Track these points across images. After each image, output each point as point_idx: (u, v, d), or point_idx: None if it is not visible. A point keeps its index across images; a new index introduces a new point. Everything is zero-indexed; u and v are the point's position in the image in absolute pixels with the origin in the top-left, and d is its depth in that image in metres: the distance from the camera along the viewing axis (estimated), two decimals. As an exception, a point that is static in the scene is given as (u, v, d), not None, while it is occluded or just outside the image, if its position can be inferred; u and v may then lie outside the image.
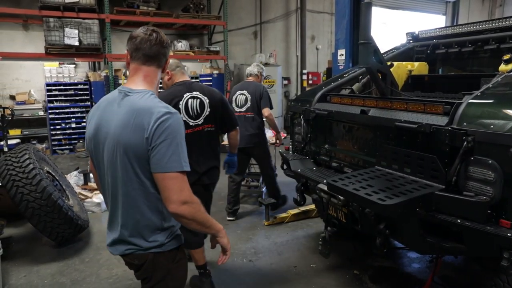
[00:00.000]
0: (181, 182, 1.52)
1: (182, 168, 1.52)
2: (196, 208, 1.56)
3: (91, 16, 8.04)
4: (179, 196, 1.51)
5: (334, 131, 3.36)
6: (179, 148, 1.52)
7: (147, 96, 1.60)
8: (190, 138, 2.20)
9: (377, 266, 3.50)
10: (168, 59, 1.74)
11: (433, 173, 2.29)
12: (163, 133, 1.50)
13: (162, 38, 1.68)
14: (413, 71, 3.84)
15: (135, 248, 1.65)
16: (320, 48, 12.16)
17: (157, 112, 1.52)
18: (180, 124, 1.57)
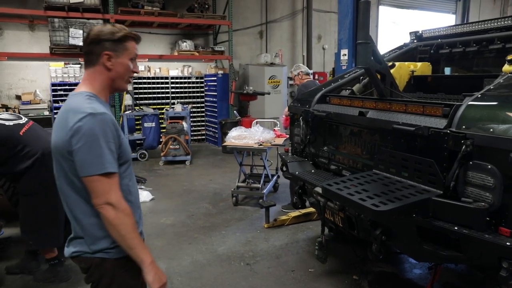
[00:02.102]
0: (106, 184, 1.48)
1: (106, 170, 1.47)
2: (121, 216, 1.48)
3: (95, 16, 8.05)
4: (104, 198, 1.47)
5: (332, 133, 3.29)
6: (100, 150, 1.47)
7: (80, 96, 1.57)
8: None
9: (377, 272, 3.41)
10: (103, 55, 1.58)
11: (431, 178, 2.21)
12: (83, 134, 1.47)
13: (89, 34, 1.62)
14: (415, 72, 3.74)
15: (81, 251, 1.61)
16: (327, 48, 12.06)
17: (80, 112, 1.49)
18: (103, 124, 1.50)
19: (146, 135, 7.96)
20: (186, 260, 3.72)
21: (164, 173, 7.13)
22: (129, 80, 1.70)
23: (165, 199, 5.57)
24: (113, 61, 1.61)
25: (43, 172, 2.94)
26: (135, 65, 1.70)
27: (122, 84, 1.68)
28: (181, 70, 10.10)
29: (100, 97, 1.63)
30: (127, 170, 1.67)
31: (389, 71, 2.96)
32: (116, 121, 1.60)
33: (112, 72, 1.62)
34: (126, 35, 1.63)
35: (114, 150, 1.53)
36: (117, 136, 1.57)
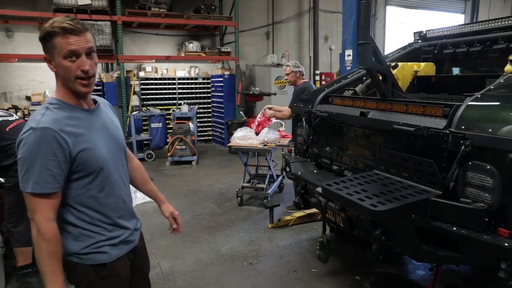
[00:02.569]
0: (33, 203, 1.43)
1: (31, 189, 1.41)
2: (39, 239, 1.42)
3: (103, 18, 8.15)
4: (30, 215, 1.45)
5: (334, 134, 3.29)
6: (30, 169, 1.41)
7: (42, 106, 1.53)
8: None
9: (380, 272, 3.41)
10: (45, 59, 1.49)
11: (430, 178, 2.21)
12: (21, 149, 1.43)
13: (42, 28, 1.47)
14: (419, 72, 3.73)
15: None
16: (334, 49, 12.03)
17: (27, 126, 1.45)
18: (41, 141, 1.40)
19: (153, 135, 8.02)
20: (190, 259, 3.75)
21: (171, 173, 7.18)
22: (79, 81, 1.47)
23: (170, 199, 5.60)
24: (53, 63, 1.47)
25: None
26: (80, 62, 1.45)
27: (72, 86, 1.48)
28: (188, 71, 10.17)
29: (69, 102, 1.52)
30: (95, 181, 1.55)
31: (390, 71, 2.96)
32: (66, 134, 1.45)
33: (59, 75, 1.49)
34: (48, 32, 1.42)
35: (52, 168, 1.41)
36: (64, 151, 1.44)
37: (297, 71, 5.27)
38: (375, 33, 12.69)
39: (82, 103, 1.56)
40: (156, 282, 3.30)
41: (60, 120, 1.46)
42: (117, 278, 1.64)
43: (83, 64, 1.46)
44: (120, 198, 1.67)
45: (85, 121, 1.54)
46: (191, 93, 10.07)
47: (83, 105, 1.57)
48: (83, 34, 1.45)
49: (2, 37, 8.62)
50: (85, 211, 1.54)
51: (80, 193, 1.53)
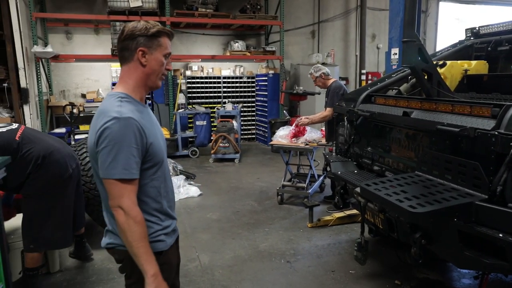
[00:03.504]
0: (121, 189, 1.48)
1: (120, 175, 1.47)
2: (130, 223, 1.48)
3: (153, 19, 8.41)
4: (116, 202, 1.49)
5: (376, 134, 3.23)
6: (119, 155, 1.47)
7: (112, 99, 1.58)
8: None
9: (421, 278, 3.30)
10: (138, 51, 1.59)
11: (476, 182, 2.11)
12: (106, 138, 1.48)
13: (123, 30, 1.61)
14: (469, 71, 3.55)
15: (115, 244, 1.65)
16: (381, 47, 11.69)
17: (107, 116, 1.50)
18: (126, 129, 1.49)
19: (198, 133, 8.24)
20: (229, 254, 3.83)
21: (213, 170, 7.34)
22: (162, 77, 1.68)
23: (212, 195, 5.75)
24: (147, 57, 1.60)
25: (45, 174, 2.92)
26: (168, 62, 1.68)
27: (155, 81, 1.66)
28: (233, 70, 10.33)
29: (134, 97, 1.63)
30: (157, 173, 1.65)
31: (436, 70, 2.85)
32: (142, 125, 1.55)
33: (147, 68, 1.62)
34: (160, 30, 1.62)
35: (136, 155, 1.51)
36: (143, 140, 1.55)
37: (320, 74, 5.28)
38: (426, 30, 12.19)
39: (142, 99, 1.70)
40: (195, 275, 3.41)
41: (135, 111, 1.57)
42: (170, 265, 1.73)
43: (170, 65, 1.73)
44: (170, 190, 1.78)
45: (147, 116, 1.66)
46: (235, 92, 10.22)
47: (142, 101, 1.70)
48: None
49: (62, 39, 9.23)
50: (146, 200, 1.62)
51: (146, 182, 1.61)
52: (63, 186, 3.04)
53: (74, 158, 3.20)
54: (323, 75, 5.27)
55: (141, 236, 1.51)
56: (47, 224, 2.99)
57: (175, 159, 7.57)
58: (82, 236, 3.61)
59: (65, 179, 3.03)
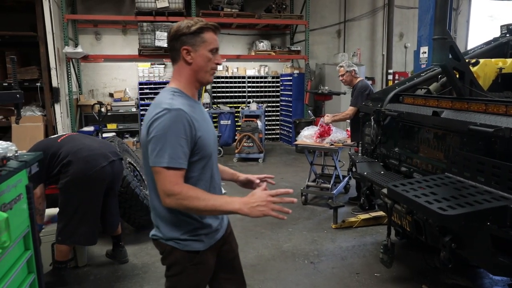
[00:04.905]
0: (167, 176, 1.50)
1: (167, 164, 1.50)
2: (183, 202, 1.50)
3: (179, 19, 8.46)
4: (163, 189, 1.51)
5: (404, 134, 3.15)
6: (167, 144, 1.51)
7: (165, 92, 1.64)
8: None
9: (450, 284, 3.19)
10: (182, 50, 1.63)
11: (511, 184, 2.02)
12: (156, 127, 1.52)
13: (169, 31, 1.66)
14: (504, 69, 3.41)
15: (157, 236, 1.70)
16: (409, 46, 11.43)
17: (159, 107, 1.55)
18: (176, 120, 1.53)
19: (222, 132, 8.28)
20: (252, 253, 3.83)
21: (237, 169, 7.25)
22: (212, 72, 1.70)
23: (236, 194, 5.67)
24: (192, 54, 1.63)
25: (70, 170, 3.05)
26: (217, 57, 1.69)
27: (205, 76, 1.68)
28: (258, 70, 10.33)
29: (186, 92, 1.66)
30: (205, 167, 1.68)
31: (468, 68, 2.75)
32: (192, 118, 1.59)
33: (193, 65, 1.65)
34: (202, 26, 1.63)
35: (184, 146, 1.53)
36: (192, 132, 1.57)
37: (351, 70, 5.20)
38: (457, 28, 11.84)
39: (195, 95, 1.73)
40: (219, 273, 3.42)
41: (186, 105, 1.61)
42: (206, 265, 1.74)
43: (219, 59, 1.71)
44: (218, 187, 1.79)
45: (198, 111, 1.69)
46: (260, 92, 10.22)
47: (194, 97, 1.73)
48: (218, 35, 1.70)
49: (92, 40, 9.48)
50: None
51: (194, 175, 1.63)
52: (89, 183, 3.09)
53: (106, 157, 3.23)
54: (353, 72, 5.20)
55: (202, 201, 1.49)
56: (73, 218, 3.10)
57: (200, 158, 7.63)
58: (119, 238, 3.65)
59: (90, 176, 3.08)
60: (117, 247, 3.64)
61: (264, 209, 1.48)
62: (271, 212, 1.48)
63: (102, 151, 3.25)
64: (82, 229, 3.13)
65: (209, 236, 1.72)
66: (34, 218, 2.08)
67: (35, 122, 7.36)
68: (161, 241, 1.69)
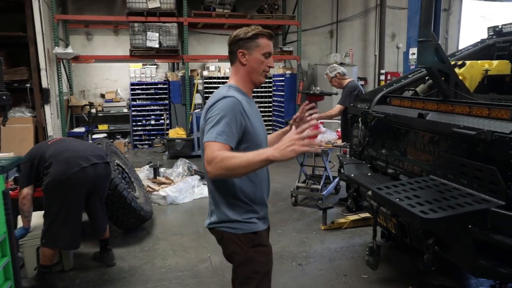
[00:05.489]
0: (213, 147, 1.59)
1: (215, 139, 1.61)
2: (218, 163, 1.54)
3: (170, 19, 8.54)
4: (206, 159, 1.59)
5: (391, 136, 3.15)
6: (221, 122, 1.64)
7: (224, 87, 1.85)
8: None
9: (436, 285, 3.20)
10: (238, 53, 1.83)
11: (492, 187, 2.02)
12: (211, 111, 1.70)
13: (230, 37, 1.87)
14: (490, 71, 3.43)
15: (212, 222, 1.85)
16: (401, 47, 11.46)
17: (216, 97, 1.74)
18: (232, 105, 1.70)
19: (214, 133, 8.24)
20: (240, 255, 3.80)
21: (229, 170, 7.32)
22: (265, 74, 1.88)
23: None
24: (247, 57, 1.82)
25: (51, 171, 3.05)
26: (269, 60, 1.86)
27: (257, 77, 1.87)
28: (250, 70, 10.30)
29: (241, 89, 1.85)
30: None
31: (453, 70, 2.75)
32: (245, 107, 1.74)
33: (247, 66, 1.84)
34: (257, 33, 1.82)
35: (233, 127, 1.67)
36: (242, 118, 1.72)
37: (335, 74, 5.23)
38: (449, 29, 11.90)
39: (249, 93, 1.92)
40: (206, 275, 3.40)
41: (240, 97, 1.78)
42: (266, 247, 1.88)
43: (271, 62, 1.90)
44: (266, 178, 1.95)
45: (251, 106, 1.85)
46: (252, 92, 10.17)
47: (249, 94, 1.92)
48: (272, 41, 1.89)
49: (83, 40, 9.42)
50: (246, 182, 1.80)
51: None
52: (69, 185, 3.06)
53: (88, 160, 3.20)
54: (338, 75, 5.21)
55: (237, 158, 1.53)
56: (55, 220, 3.08)
57: (191, 159, 7.60)
58: (107, 242, 3.62)
59: (69, 177, 3.05)
60: (105, 250, 3.61)
61: (295, 147, 1.48)
62: (302, 148, 1.47)
63: (85, 153, 3.23)
64: (64, 232, 3.10)
65: (261, 221, 1.87)
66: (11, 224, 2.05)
67: (25, 124, 7.28)
68: (216, 228, 1.84)
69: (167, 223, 4.70)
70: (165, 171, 6.20)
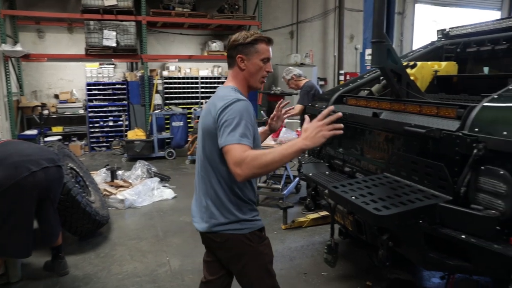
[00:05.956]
0: (235, 149, 1.62)
1: (238, 141, 1.63)
2: (250, 162, 1.58)
3: (128, 18, 8.32)
4: (233, 161, 1.61)
5: (347, 134, 3.20)
6: (239, 125, 1.67)
7: (227, 88, 1.86)
8: None
9: (393, 279, 3.28)
10: (237, 58, 1.85)
11: (441, 183, 2.10)
12: (227, 113, 1.70)
13: (229, 41, 1.89)
14: (439, 72, 3.57)
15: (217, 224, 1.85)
16: (359, 48, 11.78)
17: (227, 99, 1.74)
18: (246, 108, 1.73)
19: (174, 134, 8.11)
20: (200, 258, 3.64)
21: (190, 171, 7.23)
22: (262, 79, 1.91)
23: (187, 197, 5.64)
24: (245, 62, 1.84)
25: None
26: (267, 66, 1.89)
27: (255, 83, 1.89)
28: (211, 71, 10.23)
29: (241, 91, 1.87)
30: None
31: (405, 71, 2.84)
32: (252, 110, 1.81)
33: (245, 71, 1.86)
34: (256, 38, 1.84)
35: (250, 129, 1.71)
36: (253, 122, 1.78)
37: (291, 76, 5.35)
38: (403, 32, 12.37)
39: (246, 97, 1.91)
40: (164, 280, 3.32)
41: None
42: (267, 239, 1.96)
43: (270, 67, 1.92)
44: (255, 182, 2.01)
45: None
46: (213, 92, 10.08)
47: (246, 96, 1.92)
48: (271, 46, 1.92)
49: (34, 38, 8.95)
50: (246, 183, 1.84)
51: None
52: (18, 190, 2.88)
53: (38, 163, 3.02)
54: (294, 77, 5.30)
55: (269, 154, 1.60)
56: (3, 227, 2.88)
57: (151, 160, 7.42)
58: (59, 249, 3.43)
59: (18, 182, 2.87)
60: (57, 259, 3.43)
61: (323, 133, 1.65)
62: (329, 132, 1.67)
63: (35, 157, 3.04)
64: (14, 240, 2.92)
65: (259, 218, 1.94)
66: None
67: (-31, 126, 6.84)
68: (220, 231, 1.83)
69: (125, 227, 4.55)
70: (123, 174, 6.01)
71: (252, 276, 1.90)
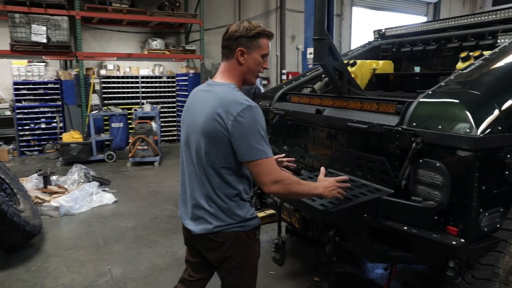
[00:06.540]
0: (268, 165, 1.66)
1: (266, 155, 1.65)
2: (287, 187, 1.69)
3: (60, 12, 7.76)
4: (269, 178, 1.65)
5: (291, 132, 3.22)
6: (260, 138, 1.65)
7: (229, 87, 1.74)
8: None
9: (339, 273, 3.36)
10: (238, 51, 1.74)
11: (383, 177, 2.16)
12: (245, 123, 1.63)
13: (227, 30, 1.78)
14: (377, 70, 3.72)
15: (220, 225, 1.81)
16: (301, 48, 12.04)
17: (239, 103, 1.65)
18: (260, 115, 1.69)
19: (114, 135, 7.73)
20: (144, 264, 3.58)
21: (131, 174, 6.92)
22: (257, 75, 1.85)
23: (129, 201, 5.39)
24: (245, 56, 1.75)
25: None
26: (265, 62, 1.84)
27: (251, 78, 1.83)
28: (152, 70, 9.90)
29: (238, 88, 1.79)
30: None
31: (346, 68, 2.90)
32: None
33: (244, 66, 1.78)
34: (260, 32, 1.75)
35: (266, 137, 1.70)
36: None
37: None
38: (342, 33, 12.83)
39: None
40: (105, 290, 3.12)
41: None
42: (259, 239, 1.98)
43: (267, 64, 1.88)
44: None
45: None
46: (155, 92, 9.81)
47: None
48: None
49: (-51, 31, 8.07)
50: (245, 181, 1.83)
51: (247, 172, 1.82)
52: None
53: None
54: None
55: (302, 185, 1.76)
56: None
57: (90, 164, 7.02)
58: None
59: None
60: None
61: (336, 191, 1.86)
62: (339, 193, 1.87)
63: None
64: None
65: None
66: None
67: None
68: (223, 231, 1.78)
69: (60, 236, 4.23)
70: (58, 179, 5.59)
71: (241, 273, 1.90)
